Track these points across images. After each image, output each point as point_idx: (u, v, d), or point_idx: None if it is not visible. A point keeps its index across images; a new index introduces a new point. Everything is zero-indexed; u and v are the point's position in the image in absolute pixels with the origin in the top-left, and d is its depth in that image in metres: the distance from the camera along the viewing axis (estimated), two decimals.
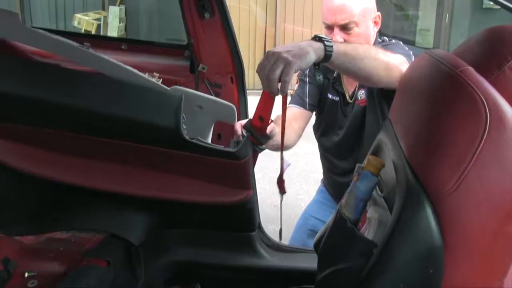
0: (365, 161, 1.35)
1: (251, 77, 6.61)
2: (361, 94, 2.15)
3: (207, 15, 1.86)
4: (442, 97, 1.09)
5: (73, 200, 1.95)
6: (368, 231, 1.27)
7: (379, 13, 2.10)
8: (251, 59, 9.00)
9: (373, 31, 2.11)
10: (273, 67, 1.40)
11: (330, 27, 2.05)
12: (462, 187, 0.99)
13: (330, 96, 2.26)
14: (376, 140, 1.54)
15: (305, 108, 2.26)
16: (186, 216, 2.01)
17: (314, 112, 2.32)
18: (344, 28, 2.01)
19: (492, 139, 0.98)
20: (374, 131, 1.87)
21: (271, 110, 1.56)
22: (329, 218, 2.10)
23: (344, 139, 2.24)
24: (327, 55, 1.53)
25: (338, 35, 2.01)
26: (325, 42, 1.53)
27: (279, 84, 1.42)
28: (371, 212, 1.29)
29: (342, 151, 2.29)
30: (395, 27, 8.35)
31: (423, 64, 1.26)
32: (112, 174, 1.87)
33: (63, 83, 1.74)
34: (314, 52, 1.49)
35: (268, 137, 1.69)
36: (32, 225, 1.94)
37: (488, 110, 0.99)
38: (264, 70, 1.42)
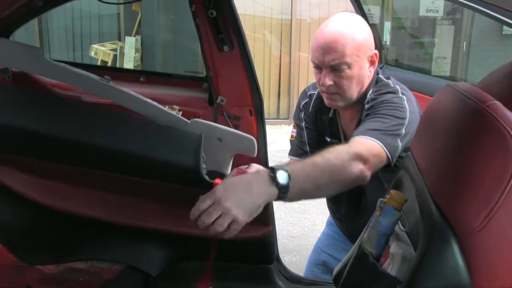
0: (387, 196, 1.33)
1: (265, 106, 6.63)
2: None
3: (226, 48, 1.87)
4: (468, 133, 1.07)
5: (93, 232, 1.97)
6: (392, 267, 1.25)
7: (376, 51, 1.84)
8: (265, 87, 9.04)
9: (368, 71, 1.84)
10: (219, 221, 1.28)
11: (318, 67, 1.82)
12: (490, 225, 0.96)
13: (328, 139, 2.06)
14: (397, 174, 1.53)
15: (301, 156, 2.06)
16: (204, 249, 2.01)
17: None
18: (334, 69, 1.78)
19: None
20: (375, 187, 1.77)
21: None
22: (341, 253, 2.11)
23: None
24: (281, 197, 1.34)
25: (327, 77, 1.79)
26: (278, 184, 1.32)
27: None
28: (394, 248, 1.27)
29: (341, 198, 2.09)
30: (410, 55, 8.35)
31: (447, 98, 1.24)
32: (131, 209, 1.89)
33: (84, 121, 1.76)
34: (265, 202, 1.33)
35: None
36: (53, 255, 1.96)
37: None
38: (204, 217, 1.30)
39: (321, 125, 2.09)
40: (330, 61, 1.76)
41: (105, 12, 9.16)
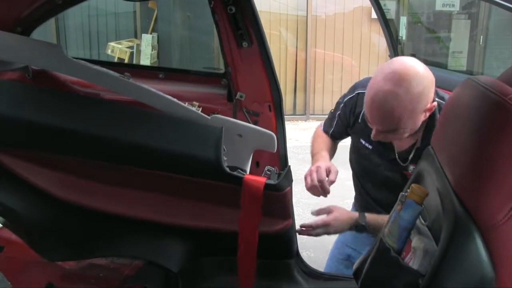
0: (408, 190, 1.33)
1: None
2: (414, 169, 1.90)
3: (245, 44, 1.87)
4: (490, 126, 1.06)
5: (113, 228, 1.98)
6: (413, 261, 1.25)
7: (434, 103, 1.79)
8: (282, 84, 8.99)
9: (423, 117, 1.79)
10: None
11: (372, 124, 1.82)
12: None
13: (363, 141, 2.10)
14: (417, 168, 1.52)
15: (328, 135, 2.21)
16: (225, 244, 2.01)
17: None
18: (387, 131, 1.78)
19: None
20: None
21: None
22: (365, 247, 2.13)
23: (384, 187, 2.11)
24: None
25: (378, 135, 1.81)
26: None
27: None
28: (416, 242, 1.27)
29: (379, 190, 2.15)
30: (426, 50, 8.29)
31: (468, 92, 1.23)
32: (152, 204, 1.89)
33: (106, 116, 1.77)
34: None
35: None
36: (74, 252, 1.97)
37: None
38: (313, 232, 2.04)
39: (357, 128, 2.10)
40: (384, 128, 1.77)
41: (121, 10, 9.20)
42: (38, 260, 1.96)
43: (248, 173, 1.84)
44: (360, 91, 2.04)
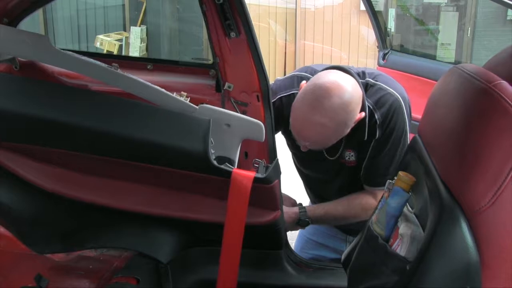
0: (396, 177, 1.34)
1: None
2: (350, 155, 1.99)
3: (233, 34, 1.87)
4: (475, 112, 1.07)
5: (102, 220, 1.97)
6: (401, 248, 1.26)
7: (362, 113, 1.82)
8: (271, 76, 9.02)
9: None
10: None
11: None
12: (498, 203, 0.98)
13: (292, 149, 2.16)
14: (404, 156, 1.54)
15: None
16: (214, 235, 2.02)
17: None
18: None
19: None
20: None
21: None
22: (327, 240, 2.34)
23: (328, 184, 2.16)
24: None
25: (306, 147, 1.86)
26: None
27: None
28: (403, 229, 1.28)
29: (325, 184, 2.20)
30: (415, 42, 8.32)
31: (454, 79, 1.24)
32: (141, 196, 1.89)
33: (93, 108, 1.76)
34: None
35: None
36: (63, 244, 1.97)
37: None
38: None
39: (285, 133, 2.13)
40: (313, 147, 1.85)
41: (110, 3, 9.16)
42: (27, 253, 1.95)
43: (236, 163, 1.84)
44: (282, 95, 2.04)
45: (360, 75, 1.92)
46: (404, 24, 8.49)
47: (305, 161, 2.17)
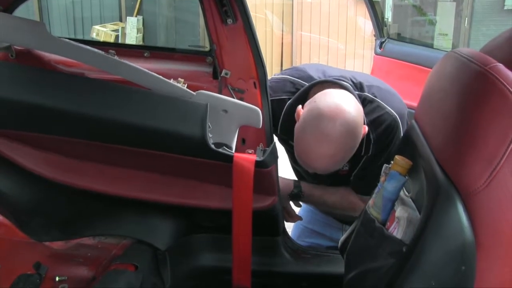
0: (392, 161, 1.35)
1: None
2: (344, 166, 1.95)
3: (229, 21, 1.87)
4: (471, 95, 1.08)
5: (101, 207, 1.98)
6: (397, 230, 1.27)
7: (365, 127, 1.72)
8: (268, 66, 8.93)
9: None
10: None
11: None
12: (493, 184, 0.99)
13: (292, 162, 2.17)
14: (401, 140, 1.55)
15: None
16: (212, 221, 2.03)
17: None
18: None
19: None
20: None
21: None
22: (324, 228, 2.37)
23: (321, 184, 2.14)
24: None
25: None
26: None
27: None
28: (400, 212, 1.29)
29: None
30: (412, 32, 8.31)
31: (450, 63, 1.25)
32: (139, 182, 1.90)
33: (91, 94, 1.76)
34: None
35: None
36: (62, 231, 1.97)
37: None
38: None
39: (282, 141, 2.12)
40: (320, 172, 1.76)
41: None
42: (26, 241, 1.96)
43: (234, 149, 1.85)
44: (273, 98, 1.97)
45: (358, 87, 1.86)
46: (401, 13, 8.47)
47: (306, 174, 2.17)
